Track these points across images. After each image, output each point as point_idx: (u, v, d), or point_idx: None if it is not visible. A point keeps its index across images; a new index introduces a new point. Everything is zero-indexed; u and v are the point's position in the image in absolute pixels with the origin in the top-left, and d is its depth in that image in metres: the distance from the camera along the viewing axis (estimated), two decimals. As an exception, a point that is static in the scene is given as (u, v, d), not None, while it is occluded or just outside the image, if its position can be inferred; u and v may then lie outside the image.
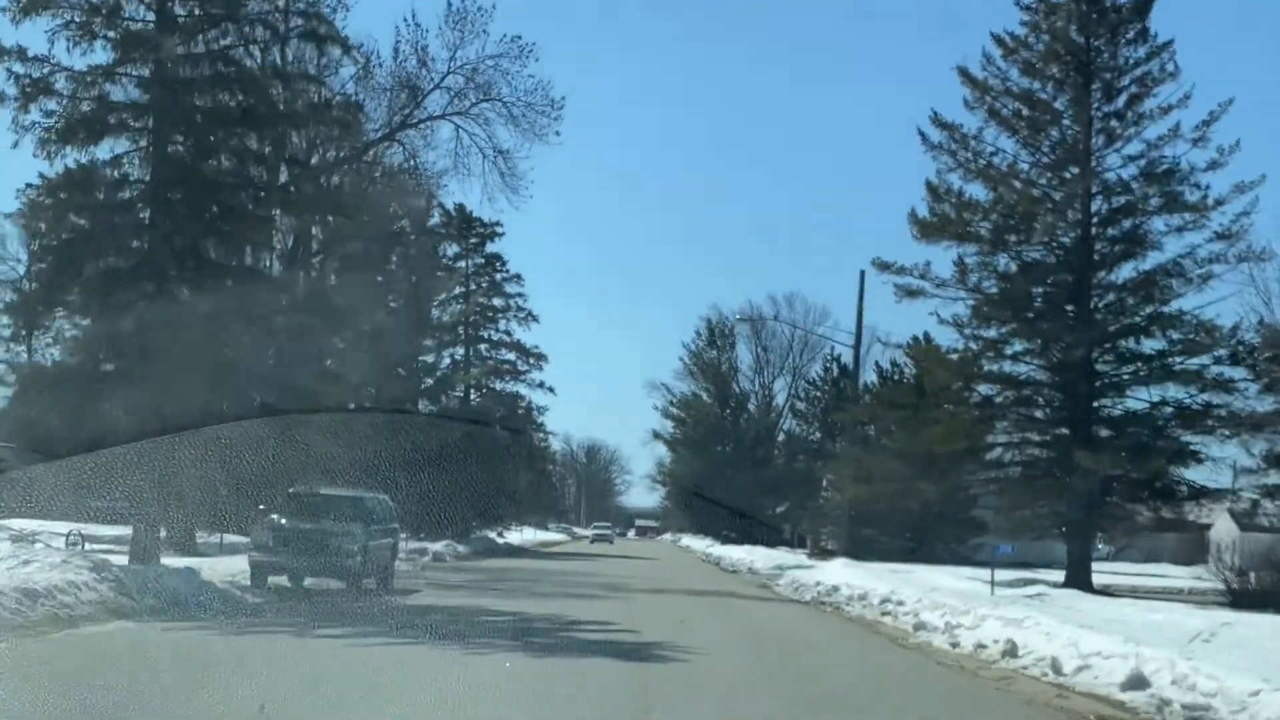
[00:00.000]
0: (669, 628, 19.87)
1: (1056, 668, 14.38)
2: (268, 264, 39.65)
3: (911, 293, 36.71)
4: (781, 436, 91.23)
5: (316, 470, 25.58)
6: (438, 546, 47.10)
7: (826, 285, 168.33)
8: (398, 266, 61.58)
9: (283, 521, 25.50)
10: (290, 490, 26.73)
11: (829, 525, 67.21)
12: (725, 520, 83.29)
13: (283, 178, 28.79)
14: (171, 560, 29.31)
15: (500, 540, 65.68)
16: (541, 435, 75.20)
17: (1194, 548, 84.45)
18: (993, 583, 27.56)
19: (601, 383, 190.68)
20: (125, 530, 38.95)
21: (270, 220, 28.76)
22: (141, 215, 25.27)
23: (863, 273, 43.91)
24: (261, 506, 29.14)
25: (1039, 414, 37.52)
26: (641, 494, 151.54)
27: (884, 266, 36.80)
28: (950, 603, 21.97)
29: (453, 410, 64.44)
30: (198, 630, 16.60)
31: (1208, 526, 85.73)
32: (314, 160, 38.75)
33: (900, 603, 23.97)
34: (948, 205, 37.04)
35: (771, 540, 72.88)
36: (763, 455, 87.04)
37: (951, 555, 62.40)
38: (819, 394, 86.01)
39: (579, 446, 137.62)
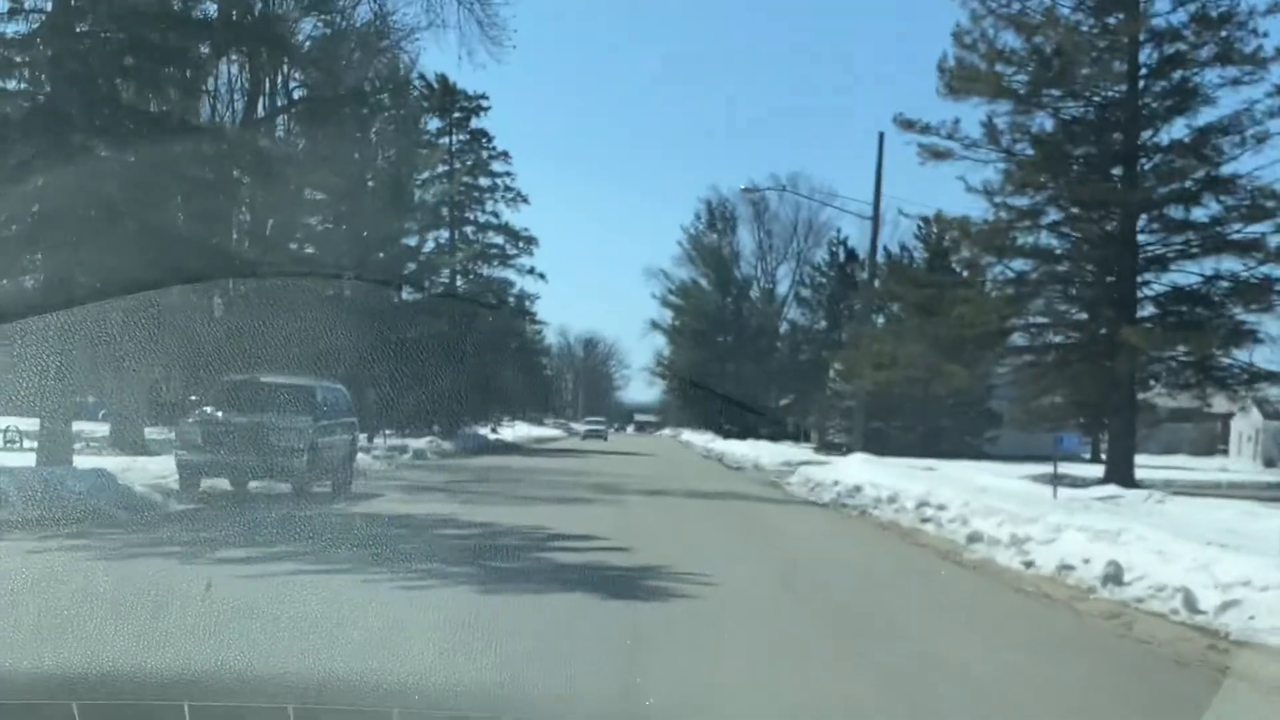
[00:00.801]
0: (668, 543, 16.22)
1: (1191, 604, 10.62)
2: (213, 118, 35.73)
3: (938, 154, 32.67)
4: (785, 326, 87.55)
5: (277, 357, 22.07)
6: (420, 443, 43.66)
7: (831, 165, 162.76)
8: (375, 139, 57.59)
9: (215, 414, 21.82)
10: (225, 379, 23.02)
11: (836, 418, 63.72)
12: (727, 414, 79.90)
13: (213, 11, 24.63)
14: (105, 459, 25.91)
15: (493, 437, 62.34)
16: (534, 324, 71.56)
17: (1210, 439, 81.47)
18: (1056, 481, 23.84)
19: (598, 271, 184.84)
20: (80, 425, 35.43)
21: (197, 59, 24.63)
22: (41, 50, 21.25)
23: (882, 134, 39.85)
24: (194, 397, 25.45)
25: (1077, 291, 33.59)
26: (640, 388, 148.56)
27: (908, 125, 32.70)
28: (1006, 508, 18.27)
29: (438, 292, 60.72)
30: (72, 549, 12.91)
31: (1229, 416, 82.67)
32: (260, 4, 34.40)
33: (942, 506, 20.27)
34: (977, 57, 32.87)
35: (775, 435, 69.47)
36: (765, 345, 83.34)
37: (967, 449, 59.01)
38: (824, 280, 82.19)
39: (576, 339, 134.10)
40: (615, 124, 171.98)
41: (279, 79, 39.03)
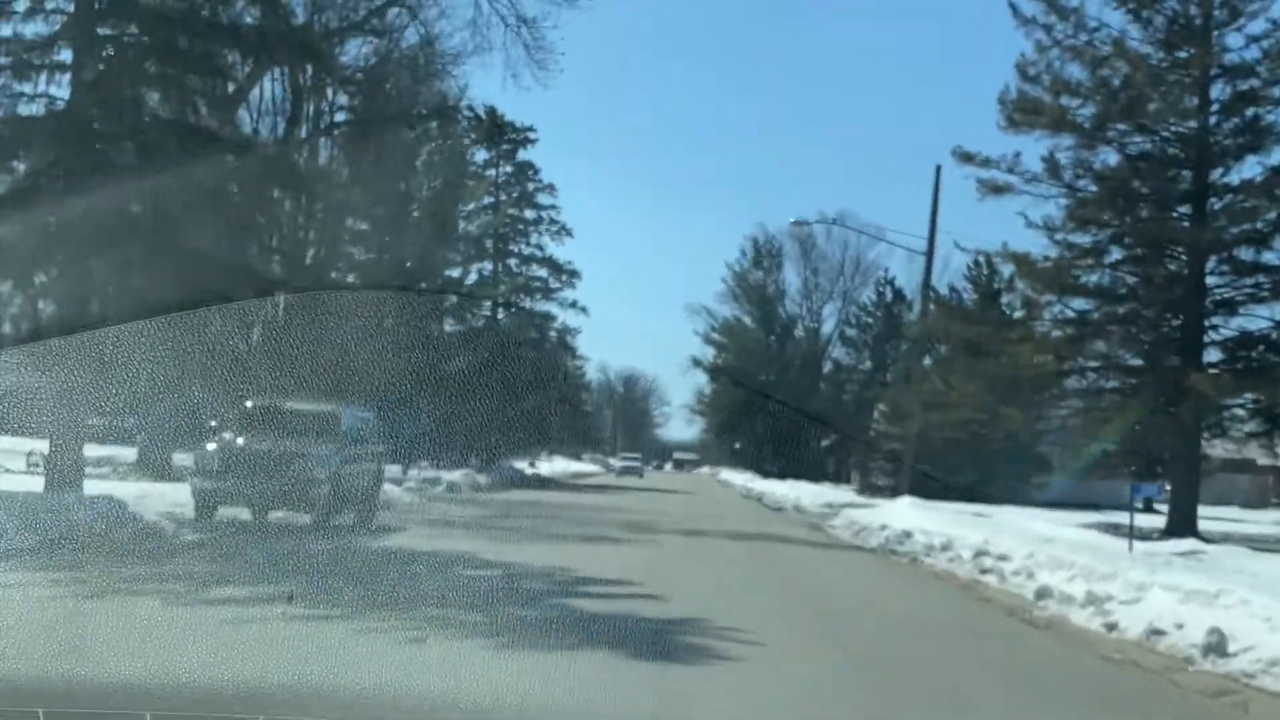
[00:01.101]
0: (706, 590, 14.76)
1: (1315, 681, 9.12)
2: (254, 133, 34.65)
3: (997, 188, 31.13)
4: (829, 366, 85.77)
5: (313, 383, 20.94)
6: (455, 476, 42.33)
7: (880, 205, 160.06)
8: (420, 168, 56.68)
9: (233, 440, 20.55)
10: (247, 403, 21.77)
11: (879, 460, 62.02)
12: (766, 453, 78.20)
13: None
14: (126, 485, 24.78)
15: (530, 471, 60.99)
16: (575, 359, 70.35)
17: (1263, 491, 79.13)
18: (1131, 534, 22.20)
19: (640, 307, 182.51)
20: (113, 450, 34.37)
21: (226, 67, 23.44)
22: (59, 55, 20.11)
23: (939, 167, 38.19)
24: (214, 423, 24.21)
25: (1140, 333, 31.90)
26: (680, 426, 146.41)
27: (966, 157, 31.19)
28: (1077, 560, 16.69)
29: (479, 324, 59.65)
30: (54, 582, 11.63)
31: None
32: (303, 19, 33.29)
33: (1003, 557, 18.70)
34: (1041, 89, 31.40)
35: (815, 476, 67.74)
36: (809, 385, 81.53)
37: (1014, 495, 57.19)
38: (870, 320, 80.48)
39: (616, 375, 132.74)
40: (661, 157, 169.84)
41: (323, 101, 37.84)
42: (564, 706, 7.13)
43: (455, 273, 59.00)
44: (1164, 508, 61.46)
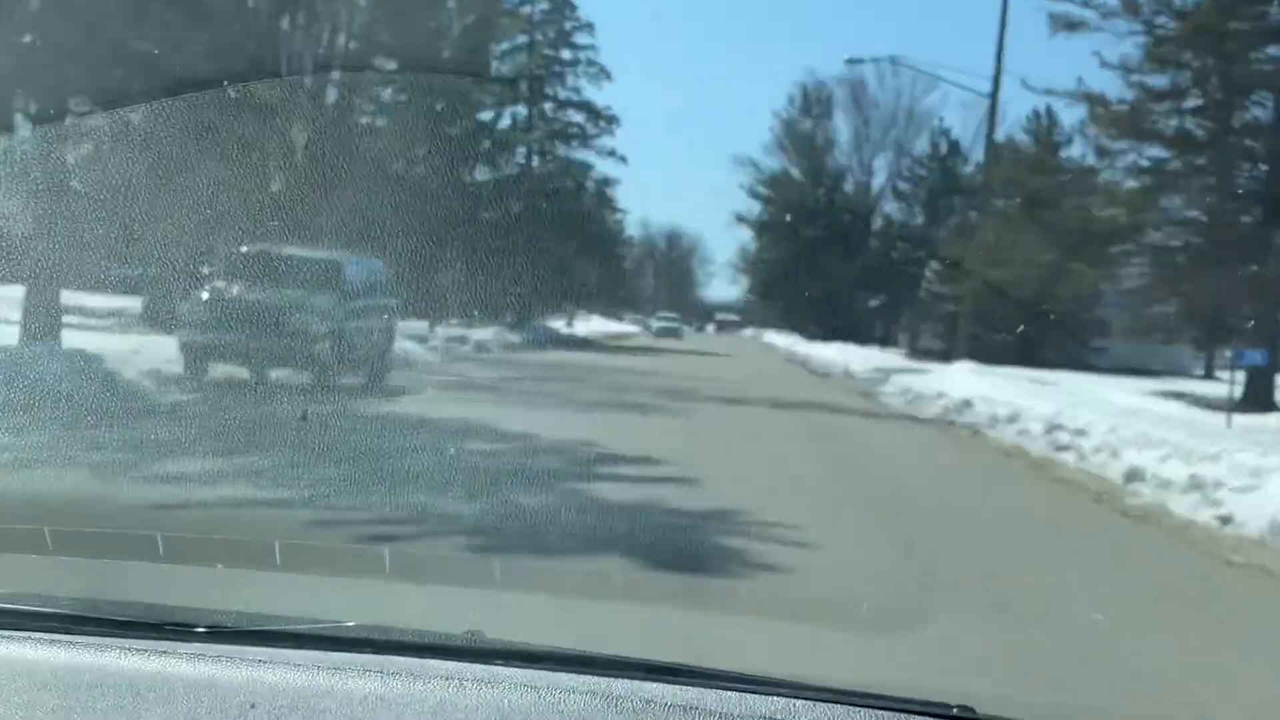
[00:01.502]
0: (746, 471, 12.99)
1: None
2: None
3: (1071, 24, 28.68)
4: (879, 222, 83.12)
5: (333, 230, 19.29)
6: (484, 334, 40.62)
7: (936, 48, 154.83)
8: (453, 9, 54.23)
9: (225, 289, 18.82)
10: (242, 248, 19.97)
11: (931, 322, 60.02)
12: (811, 315, 76.16)
13: None
14: (128, 339, 23.20)
15: (565, 331, 59.29)
16: (614, 211, 68.24)
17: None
18: (1231, 405, 20.21)
19: (683, 159, 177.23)
20: (128, 301, 32.77)
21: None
22: None
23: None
24: (206, 269, 22.47)
25: (1221, 184, 29.54)
26: (723, 286, 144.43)
27: (1039, -11, 28.75)
28: (1169, 438, 14.84)
29: (513, 172, 57.56)
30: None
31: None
32: None
33: (1081, 432, 16.81)
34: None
35: (862, 338, 65.74)
36: (858, 241, 79.09)
37: (1071, 360, 55.09)
38: (924, 173, 77.61)
39: (658, 232, 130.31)
40: (707, 6, 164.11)
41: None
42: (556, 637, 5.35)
43: (487, 116, 56.74)
44: (1226, 375, 59.42)
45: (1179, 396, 25.01)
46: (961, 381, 26.76)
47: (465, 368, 28.74)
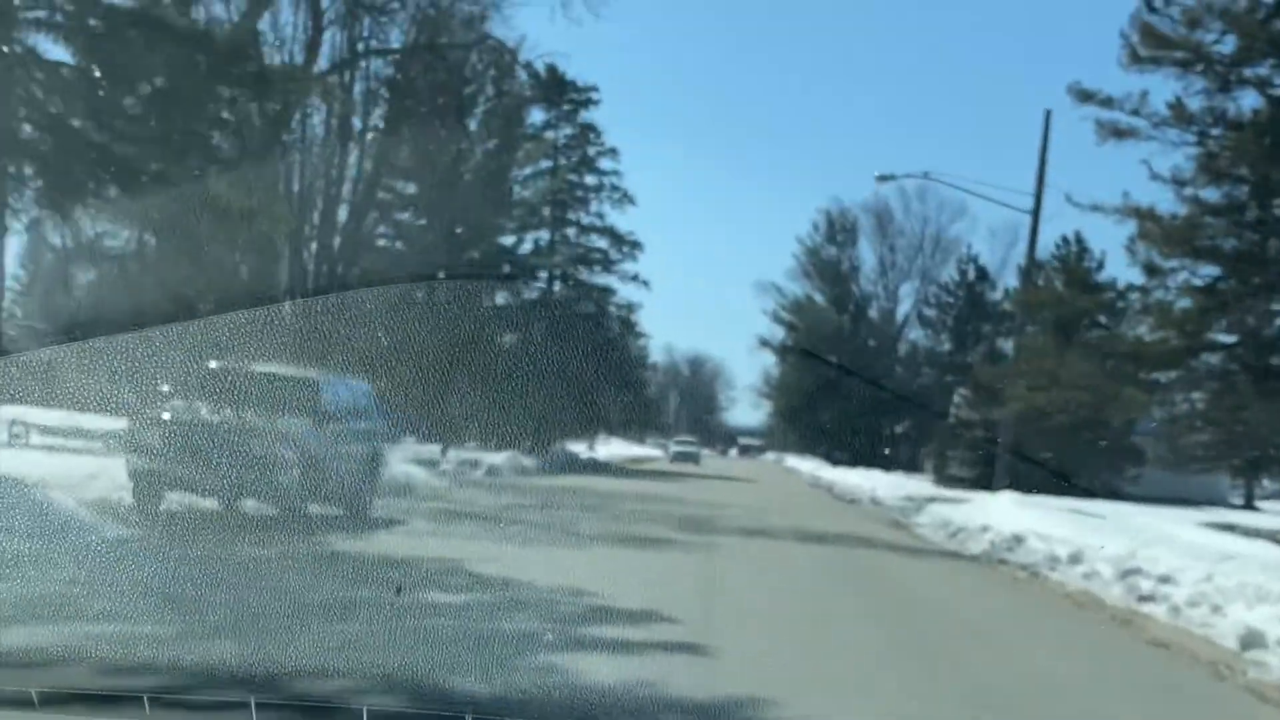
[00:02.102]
0: (772, 633, 10.20)
1: None
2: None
3: (1119, 132, 26.28)
4: (905, 348, 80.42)
5: (351, 360, 17.07)
6: (498, 458, 37.95)
7: (970, 168, 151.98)
8: (473, 126, 52.43)
9: (186, 409, 16.24)
10: (211, 364, 17.46)
11: (959, 449, 57.04)
12: (835, 440, 73.26)
13: None
14: (92, 460, 20.71)
15: (586, 455, 56.58)
16: (636, 335, 65.89)
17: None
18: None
19: (706, 284, 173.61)
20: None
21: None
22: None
23: (1049, 112, 32.10)
24: (165, 386, 19.94)
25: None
26: (745, 411, 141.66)
27: (1085, 96, 26.23)
28: (1275, 587, 12.02)
29: (535, 296, 55.37)
30: None
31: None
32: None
33: (1166, 579, 13.97)
34: (1171, 21, 26.45)
35: (886, 464, 62.81)
36: (882, 367, 76.33)
37: (1103, 489, 52.01)
38: (951, 300, 75.15)
39: (682, 357, 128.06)
40: (730, 124, 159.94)
41: (356, 32, 33.32)
42: None
43: (509, 240, 54.68)
44: (1266, 504, 56.09)
45: (1254, 534, 22.03)
46: (1006, 513, 23.92)
47: (470, 494, 26.27)
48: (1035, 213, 29.70)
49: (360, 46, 33.01)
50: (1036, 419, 35.14)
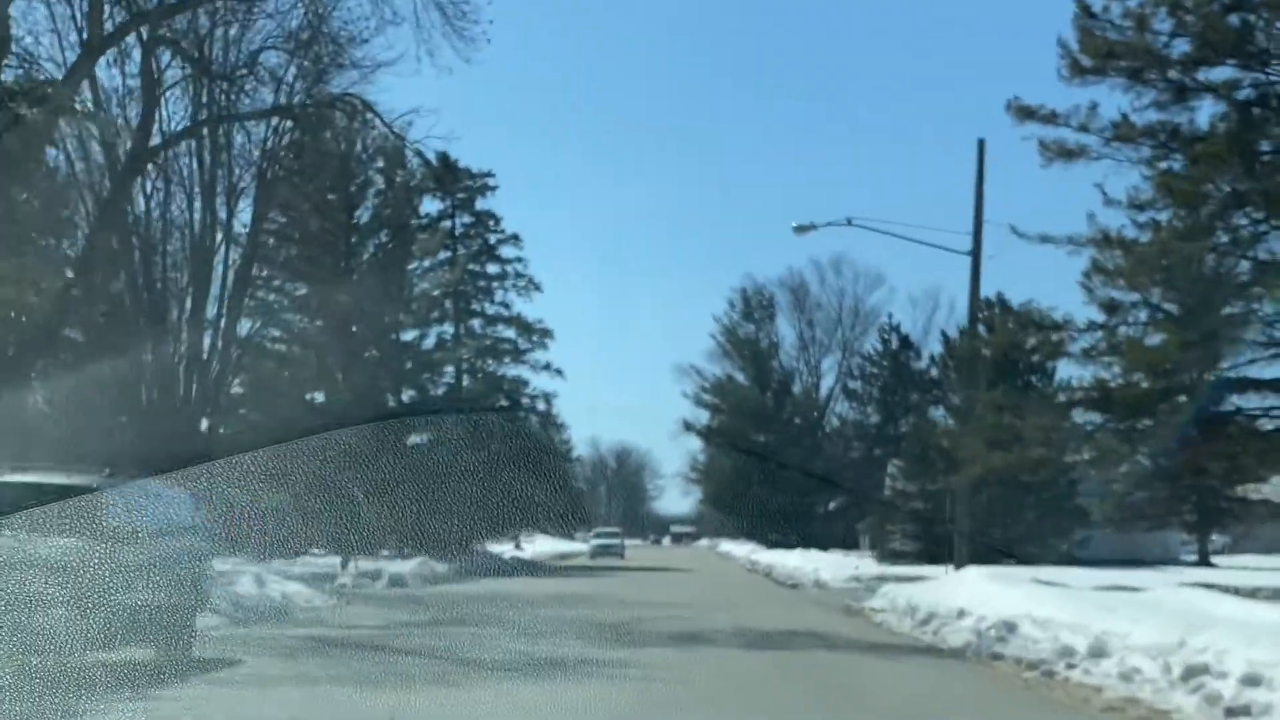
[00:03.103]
0: None
1: None
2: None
3: (1067, 152, 22.66)
4: (832, 423, 76.68)
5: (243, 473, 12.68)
6: (406, 567, 33.47)
7: (879, 250, 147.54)
8: (366, 225, 48.34)
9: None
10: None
11: (898, 522, 53.13)
12: (768, 522, 69.08)
13: None
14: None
15: (510, 555, 51.86)
16: (556, 427, 61.54)
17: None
18: None
19: (626, 373, 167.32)
20: None
21: None
22: None
23: (982, 141, 28.12)
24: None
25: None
26: (675, 499, 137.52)
27: (1026, 113, 22.59)
28: None
29: (440, 393, 51.00)
30: None
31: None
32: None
33: (1254, 680, 9.90)
34: (1113, 23, 22.98)
35: (823, 543, 58.68)
36: (810, 445, 72.44)
37: (1053, 554, 48.24)
38: (875, 371, 71.63)
39: (608, 450, 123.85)
40: (638, 211, 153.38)
41: (200, 96, 28.88)
42: None
43: (410, 336, 50.40)
44: (1222, 560, 52.62)
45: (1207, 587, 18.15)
46: (979, 592, 19.81)
47: (358, 613, 21.99)
48: (975, 251, 25.66)
49: (203, 114, 28.47)
50: (988, 483, 31.30)
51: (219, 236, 34.11)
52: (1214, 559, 52.22)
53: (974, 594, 19.74)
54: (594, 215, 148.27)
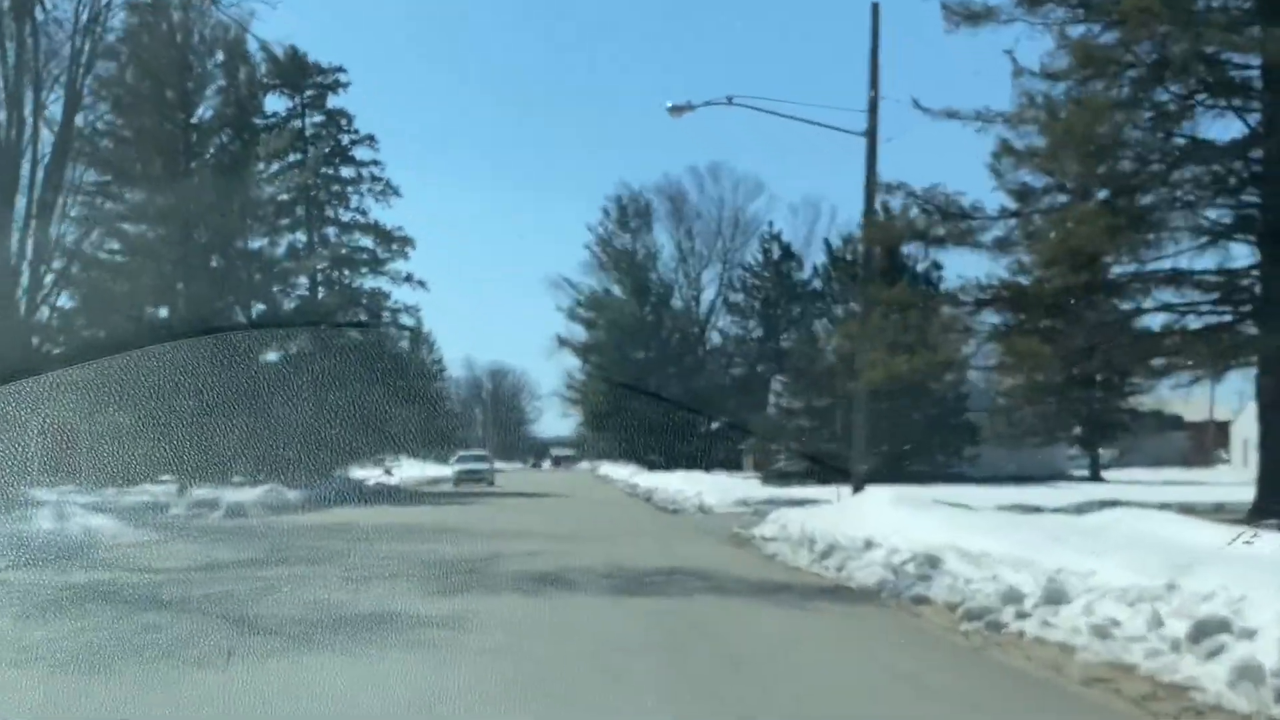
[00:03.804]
0: None
1: None
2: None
3: (973, 15, 19.94)
4: (714, 338, 74.04)
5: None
6: (251, 494, 30.20)
7: (761, 156, 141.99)
8: (201, 127, 44.28)
9: None
10: None
11: (784, 441, 50.87)
12: (649, 443, 66.55)
13: None
14: None
15: (374, 481, 48.36)
16: (422, 341, 58.25)
17: (1198, 449, 69.71)
18: None
19: (499, 288, 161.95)
20: None
21: None
22: None
23: (876, 5, 24.79)
24: None
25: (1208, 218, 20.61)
26: (555, 421, 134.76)
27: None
28: None
29: (294, 305, 47.40)
30: None
31: (1221, 423, 71.00)
32: None
33: (1251, 633, 7.33)
34: None
35: (705, 464, 56.21)
36: (692, 361, 69.89)
37: (942, 472, 46.37)
38: (757, 283, 69.11)
39: (483, 371, 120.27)
40: (505, 112, 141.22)
41: None
42: None
43: (257, 244, 46.61)
44: (1111, 475, 51.26)
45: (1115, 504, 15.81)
46: (887, 519, 17.25)
47: (170, 552, 19.23)
48: (871, 130, 22.53)
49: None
50: (878, 395, 28.79)
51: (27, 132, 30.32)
52: (1104, 474, 50.93)
53: (880, 520, 17.18)
54: (456, 117, 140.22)
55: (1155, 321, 21.37)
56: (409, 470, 58.54)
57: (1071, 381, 47.43)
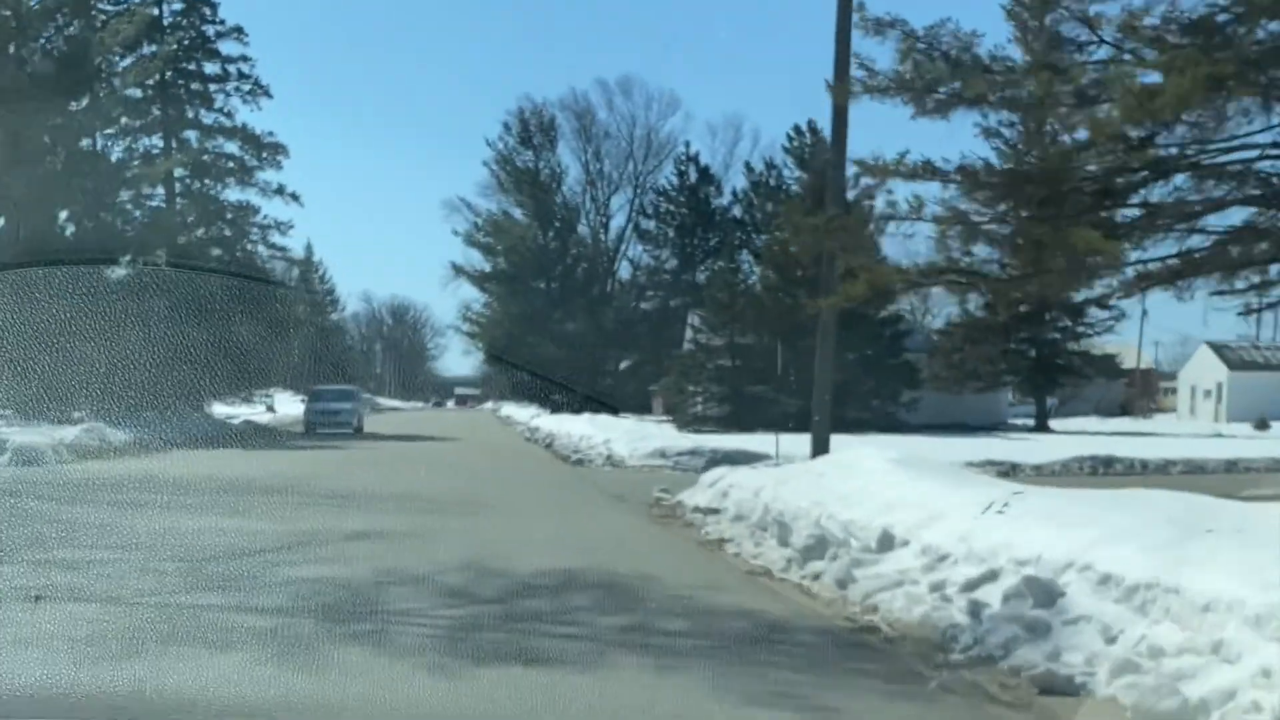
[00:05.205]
0: None
1: None
2: None
3: None
4: (625, 269, 67.48)
5: None
6: (65, 434, 23.53)
7: (673, 69, 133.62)
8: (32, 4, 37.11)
9: None
10: None
11: (702, 383, 44.90)
12: (555, 381, 60.37)
13: None
14: None
15: (244, 419, 41.38)
16: (297, 264, 51.38)
17: (1138, 398, 65.35)
18: None
19: (394, 214, 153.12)
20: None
21: None
22: None
23: None
24: None
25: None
26: (458, 359, 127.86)
27: None
28: None
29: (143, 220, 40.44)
30: None
31: (1150, 371, 66.47)
32: None
33: None
34: None
35: (615, 406, 50.08)
36: (599, 292, 63.52)
37: (881, 419, 40.86)
38: (672, 209, 62.75)
39: (382, 306, 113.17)
40: (397, 12, 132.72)
41: None
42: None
43: (100, 142, 39.52)
44: (1056, 424, 46.09)
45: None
46: (900, 493, 11.24)
47: None
48: None
49: None
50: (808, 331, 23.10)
51: None
52: (1050, 423, 45.79)
53: (888, 495, 11.12)
54: (341, 15, 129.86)
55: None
56: (290, 408, 51.67)
57: (1018, 320, 42.43)
